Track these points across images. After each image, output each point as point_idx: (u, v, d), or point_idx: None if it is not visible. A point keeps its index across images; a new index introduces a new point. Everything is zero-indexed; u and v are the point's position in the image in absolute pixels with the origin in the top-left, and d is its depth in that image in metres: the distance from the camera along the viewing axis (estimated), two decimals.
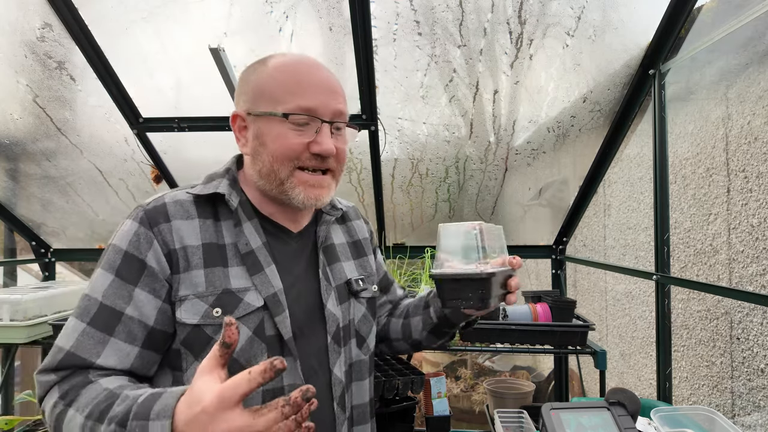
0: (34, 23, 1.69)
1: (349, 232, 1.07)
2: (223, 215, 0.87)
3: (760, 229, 1.67)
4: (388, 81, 1.83)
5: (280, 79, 0.85)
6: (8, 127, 2.07)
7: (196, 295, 0.79)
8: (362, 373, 0.96)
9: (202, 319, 0.79)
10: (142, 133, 2.06)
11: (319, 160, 0.86)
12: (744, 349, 1.75)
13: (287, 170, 0.84)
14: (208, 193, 0.86)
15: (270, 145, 0.84)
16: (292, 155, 0.84)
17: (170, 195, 0.85)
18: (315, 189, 0.87)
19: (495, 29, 1.65)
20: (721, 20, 1.55)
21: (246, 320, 0.80)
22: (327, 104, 0.85)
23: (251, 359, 0.79)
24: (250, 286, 0.82)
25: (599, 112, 1.90)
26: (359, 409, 0.95)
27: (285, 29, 1.70)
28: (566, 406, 1.15)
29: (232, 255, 0.84)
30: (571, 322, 1.84)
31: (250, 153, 0.88)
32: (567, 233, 2.39)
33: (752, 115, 1.70)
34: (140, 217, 0.81)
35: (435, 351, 3.74)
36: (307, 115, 0.83)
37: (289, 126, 0.83)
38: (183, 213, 0.83)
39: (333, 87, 0.88)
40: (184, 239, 0.81)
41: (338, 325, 0.91)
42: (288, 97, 0.83)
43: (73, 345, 0.75)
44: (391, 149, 2.07)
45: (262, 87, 0.86)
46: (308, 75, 0.86)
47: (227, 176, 0.90)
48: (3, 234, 4.16)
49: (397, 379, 1.73)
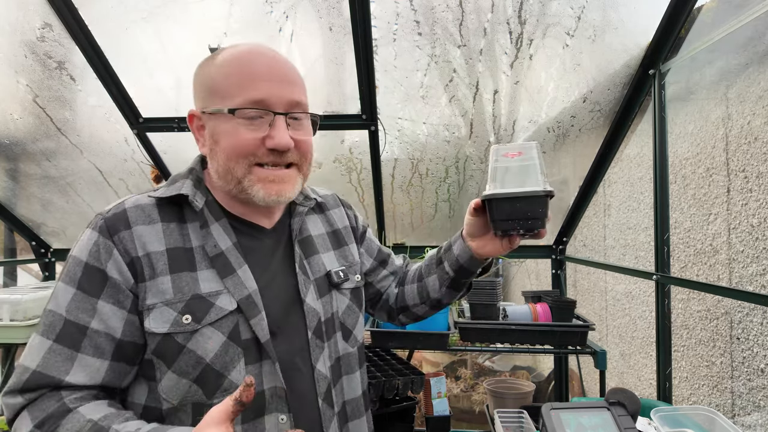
0: (34, 23, 1.69)
1: (329, 221, 1.03)
2: (189, 217, 0.83)
3: (760, 229, 1.67)
4: (388, 81, 1.83)
5: (228, 73, 0.80)
6: (8, 127, 2.07)
7: (164, 302, 0.76)
8: (351, 366, 0.93)
9: (172, 327, 0.75)
10: (142, 133, 2.06)
11: (277, 155, 0.81)
12: (744, 349, 1.75)
13: (243, 168, 0.80)
14: (170, 195, 0.82)
15: (223, 143, 0.80)
16: (245, 152, 0.79)
17: (131, 200, 0.81)
18: (275, 185, 0.82)
19: (495, 29, 1.65)
20: (721, 20, 1.55)
21: (219, 325, 0.77)
22: (279, 95, 0.80)
23: (227, 365, 0.77)
24: (221, 290, 0.79)
25: (599, 112, 1.90)
26: (352, 403, 0.92)
27: (285, 29, 1.70)
28: (566, 406, 1.15)
29: (201, 258, 0.80)
30: (571, 322, 1.84)
31: (208, 153, 0.85)
32: (567, 233, 2.39)
33: (752, 115, 1.70)
34: (99, 225, 0.78)
35: (435, 351, 3.74)
36: (256, 108, 0.78)
37: (240, 122, 0.79)
38: (144, 218, 0.79)
39: (286, 75, 0.82)
40: (147, 246, 0.78)
41: (319, 319, 0.88)
42: (236, 90, 0.79)
43: (40, 364, 0.72)
44: (391, 149, 2.07)
45: (212, 83, 0.81)
46: (257, 65, 0.80)
47: (191, 176, 0.86)
48: (3, 234, 4.16)
49: (397, 379, 1.73)
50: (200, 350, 0.76)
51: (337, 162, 2.16)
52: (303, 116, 0.85)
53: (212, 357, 0.76)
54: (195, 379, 0.76)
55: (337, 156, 2.13)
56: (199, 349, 0.76)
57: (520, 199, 0.85)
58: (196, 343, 0.76)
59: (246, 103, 0.78)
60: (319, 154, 2.16)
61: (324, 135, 2.07)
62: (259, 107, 0.79)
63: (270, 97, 0.79)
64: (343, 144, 2.08)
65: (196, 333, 0.76)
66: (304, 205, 0.96)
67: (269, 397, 0.79)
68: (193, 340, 0.76)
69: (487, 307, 1.87)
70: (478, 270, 1.03)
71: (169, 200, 0.83)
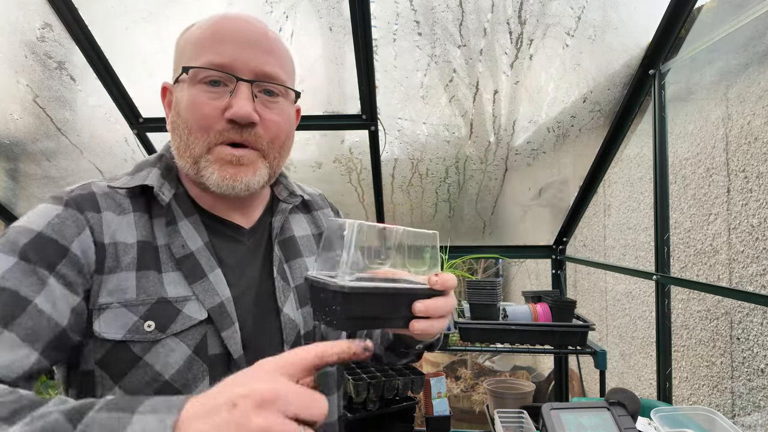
0: (34, 23, 1.69)
1: (316, 222, 0.89)
2: (155, 211, 0.71)
3: (760, 229, 1.67)
4: (388, 81, 1.83)
5: (197, 36, 0.70)
6: (8, 127, 2.07)
7: (122, 303, 0.63)
8: (329, 387, 0.80)
9: (129, 333, 0.62)
10: (142, 133, 2.06)
11: (237, 129, 0.67)
12: (744, 349, 1.75)
13: (202, 145, 0.68)
14: (132, 186, 0.70)
15: (183, 114, 0.69)
16: (203, 123, 0.67)
17: (98, 185, 0.70)
18: (231, 167, 0.68)
19: (495, 29, 1.65)
20: (721, 20, 1.55)
21: (184, 336, 0.65)
22: (247, 60, 0.68)
23: (189, 383, 0.65)
24: (189, 296, 0.67)
25: (599, 112, 1.90)
26: (327, 428, 0.80)
27: (285, 29, 1.70)
28: (566, 406, 1.15)
29: (166, 259, 0.68)
30: (571, 322, 1.84)
31: (170, 127, 0.72)
32: (567, 233, 2.39)
33: (752, 115, 1.70)
34: (64, 200, 0.65)
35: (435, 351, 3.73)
36: (216, 70, 0.67)
37: (201, 88, 0.67)
38: (115, 206, 0.68)
39: (259, 41, 0.70)
40: (116, 234, 0.66)
41: (298, 332, 0.75)
42: (199, 52, 0.68)
43: None
44: (391, 149, 2.07)
45: (182, 49, 0.72)
46: (227, 28, 0.69)
47: (159, 164, 0.74)
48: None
49: (397, 379, 1.73)
50: (159, 365, 0.63)
51: (337, 162, 2.16)
52: (279, 92, 0.72)
53: (173, 373, 0.64)
54: None
55: (337, 156, 2.13)
56: (158, 363, 0.63)
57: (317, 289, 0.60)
58: (155, 355, 0.63)
59: (205, 65, 0.67)
60: (319, 154, 2.16)
61: (324, 135, 2.07)
62: (219, 69, 0.67)
63: (233, 61, 0.67)
64: (343, 144, 2.08)
65: (157, 344, 0.64)
66: (287, 201, 0.83)
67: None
68: (153, 352, 0.63)
69: (487, 307, 1.87)
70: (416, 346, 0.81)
71: (138, 191, 0.71)
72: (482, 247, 2.53)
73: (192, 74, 0.68)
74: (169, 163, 0.76)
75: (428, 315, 0.61)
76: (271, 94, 0.71)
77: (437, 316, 0.62)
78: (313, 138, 2.09)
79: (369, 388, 1.69)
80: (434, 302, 0.61)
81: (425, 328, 0.61)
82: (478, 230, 2.47)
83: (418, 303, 0.61)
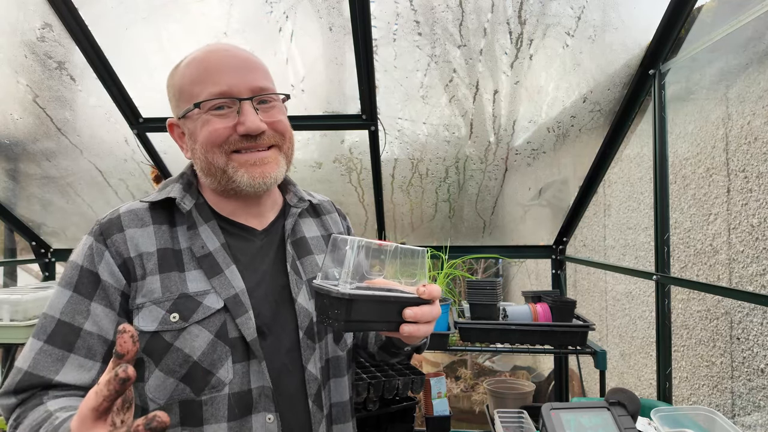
0: (34, 23, 1.69)
1: (324, 225, 1.02)
2: (178, 220, 0.85)
3: (760, 229, 1.67)
4: (388, 81, 1.83)
5: (190, 74, 0.83)
6: (8, 127, 2.07)
7: (152, 301, 0.78)
8: (340, 369, 0.93)
9: (160, 325, 0.77)
10: (142, 133, 2.06)
11: (252, 139, 0.83)
12: (744, 349, 1.75)
13: (222, 157, 0.82)
14: (160, 199, 0.85)
15: (199, 139, 0.83)
16: (218, 140, 0.81)
17: (126, 206, 0.85)
18: (258, 167, 0.83)
19: (495, 29, 1.65)
20: (721, 20, 1.55)
21: (206, 324, 0.79)
22: (240, 82, 0.82)
23: (215, 362, 0.78)
24: (209, 289, 0.81)
25: (599, 112, 1.90)
26: (338, 407, 0.92)
27: (285, 29, 1.70)
28: (566, 406, 1.15)
29: (189, 259, 0.82)
30: (571, 322, 1.84)
31: (191, 155, 0.87)
32: (567, 233, 2.39)
33: (752, 115, 1.70)
34: (94, 231, 0.82)
35: (435, 351, 3.74)
36: (220, 98, 0.81)
37: (210, 114, 0.82)
38: (137, 221, 0.83)
39: (245, 64, 0.84)
40: (139, 247, 0.80)
41: (311, 319, 0.88)
42: (199, 88, 0.82)
43: (31, 364, 0.74)
44: (391, 149, 2.07)
45: (180, 89, 0.85)
46: (213, 60, 0.83)
47: (181, 181, 0.89)
48: (3, 234, 4.16)
49: (397, 379, 1.73)
50: (187, 348, 0.77)
51: (337, 162, 2.16)
52: (271, 99, 0.86)
53: (199, 355, 0.78)
54: (182, 377, 0.77)
55: (337, 156, 2.13)
56: (186, 347, 0.77)
57: (322, 296, 0.74)
58: (183, 341, 0.78)
59: (208, 96, 0.81)
60: (319, 154, 2.16)
61: (324, 135, 2.07)
62: (222, 96, 0.81)
63: (231, 87, 0.81)
64: (343, 144, 2.08)
65: (183, 331, 0.78)
66: (297, 206, 0.96)
67: (257, 397, 0.80)
68: (181, 338, 0.77)
69: (487, 307, 1.87)
70: (406, 348, 0.92)
71: (161, 204, 0.86)
72: (482, 247, 2.53)
73: (200, 106, 0.82)
74: (190, 178, 0.91)
75: (416, 320, 0.73)
76: (267, 102, 0.85)
77: (424, 321, 0.74)
78: (313, 138, 2.09)
79: (369, 388, 1.69)
80: (422, 309, 0.74)
81: (412, 331, 0.73)
82: (478, 230, 2.47)
83: (408, 309, 0.73)
